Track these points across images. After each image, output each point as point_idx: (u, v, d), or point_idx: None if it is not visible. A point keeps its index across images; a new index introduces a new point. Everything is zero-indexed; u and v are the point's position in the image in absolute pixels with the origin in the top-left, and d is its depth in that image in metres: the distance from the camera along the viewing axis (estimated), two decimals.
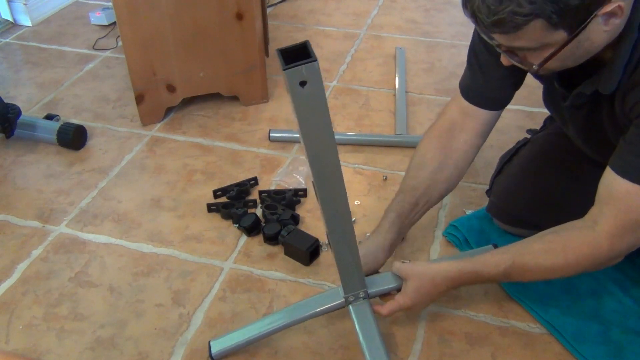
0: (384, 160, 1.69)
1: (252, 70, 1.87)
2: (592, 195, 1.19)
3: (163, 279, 1.34)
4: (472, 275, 1.09)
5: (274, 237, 1.40)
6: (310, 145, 0.87)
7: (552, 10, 0.82)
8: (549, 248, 1.02)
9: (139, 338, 1.21)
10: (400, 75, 2.06)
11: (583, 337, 1.17)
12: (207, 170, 1.67)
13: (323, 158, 0.89)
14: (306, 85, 0.80)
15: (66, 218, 1.51)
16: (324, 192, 0.94)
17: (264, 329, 1.14)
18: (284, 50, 0.80)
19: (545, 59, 0.91)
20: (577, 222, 1.01)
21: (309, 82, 0.80)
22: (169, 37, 1.73)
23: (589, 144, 1.17)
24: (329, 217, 0.98)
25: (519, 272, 1.05)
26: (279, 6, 2.63)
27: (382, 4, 2.65)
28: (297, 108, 0.83)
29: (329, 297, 1.15)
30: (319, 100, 0.82)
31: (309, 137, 0.87)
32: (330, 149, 0.88)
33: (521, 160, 1.36)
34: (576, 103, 1.05)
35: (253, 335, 1.14)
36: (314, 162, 0.90)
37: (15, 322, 1.25)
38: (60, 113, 1.89)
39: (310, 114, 0.84)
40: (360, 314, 1.12)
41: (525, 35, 0.87)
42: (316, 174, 0.91)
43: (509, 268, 1.05)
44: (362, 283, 1.11)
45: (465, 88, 1.21)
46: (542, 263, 1.03)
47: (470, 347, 1.18)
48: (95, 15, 2.48)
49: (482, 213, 1.43)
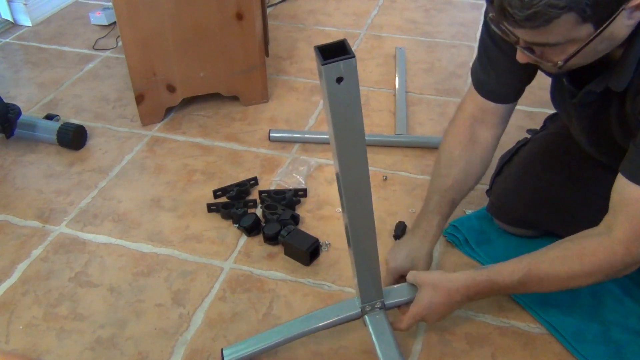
0: (384, 160, 1.69)
1: (252, 70, 1.88)
2: (592, 196, 1.19)
3: (163, 279, 1.34)
4: (487, 285, 1.06)
5: (274, 237, 1.40)
6: (341, 143, 0.86)
7: (586, 2, 0.80)
8: (565, 255, 1.01)
9: (139, 338, 1.21)
10: (400, 75, 2.06)
11: (583, 337, 1.17)
12: (207, 170, 1.67)
13: (353, 157, 0.88)
14: (343, 82, 0.79)
15: (66, 218, 1.51)
16: (349, 191, 0.92)
17: (279, 337, 1.12)
18: (322, 47, 0.79)
19: (571, 55, 0.89)
20: (592, 229, 1.01)
21: (345, 78, 0.78)
22: (169, 37, 1.73)
23: (593, 143, 1.17)
24: (353, 220, 0.96)
25: (535, 280, 1.03)
26: (279, 6, 2.63)
27: (382, 4, 2.65)
28: (331, 104, 0.81)
29: (345, 307, 1.13)
30: (354, 98, 0.81)
31: (340, 134, 0.85)
32: (360, 148, 0.87)
33: (521, 160, 1.36)
34: (585, 101, 1.04)
35: (267, 344, 1.12)
36: (342, 161, 0.88)
37: (15, 322, 1.25)
38: (60, 113, 1.89)
39: (345, 111, 0.82)
40: (377, 325, 1.10)
41: (554, 30, 0.84)
42: (344, 174, 0.90)
43: (525, 277, 1.03)
44: (380, 293, 1.10)
45: (477, 83, 1.21)
46: (559, 270, 1.01)
47: (470, 347, 1.18)
48: (95, 15, 2.48)
49: (482, 213, 1.43)
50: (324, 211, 1.52)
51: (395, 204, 1.53)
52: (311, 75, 2.11)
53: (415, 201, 1.54)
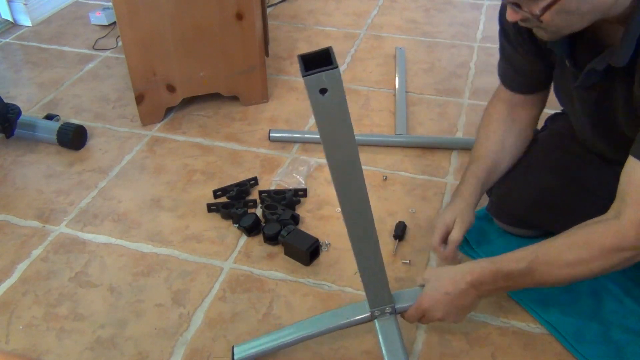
0: (384, 160, 1.69)
1: (252, 70, 1.88)
2: (593, 196, 1.19)
3: (163, 279, 1.34)
4: (491, 272, 1.03)
5: (274, 237, 1.40)
6: (331, 152, 0.85)
7: None
8: (573, 242, 0.99)
9: (139, 338, 1.21)
10: (400, 75, 2.06)
11: (583, 337, 1.17)
12: (207, 170, 1.67)
13: (344, 166, 0.87)
14: (327, 93, 0.78)
15: (66, 218, 1.51)
16: (346, 200, 0.92)
17: (289, 338, 1.12)
18: (306, 56, 0.77)
19: (548, 5, 0.89)
20: (600, 217, 0.98)
21: (329, 89, 0.77)
22: (169, 37, 1.73)
23: (597, 131, 1.15)
24: (352, 228, 0.96)
25: (543, 268, 1.00)
26: (279, 6, 2.63)
27: (382, 4, 2.65)
28: (317, 115, 0.81)
29: (355, 310, 1.12)
30: (339, 108, 0.80)
31: (329, 144, 0.84)
32: (351, 156, 0.86)
33: (523, 160, 1.36)
34: (587, 83, 1.04)
35: (277, 344, 1.12)
36: (335, 171, 0.88)
37: (15, 322, 1.25)
38: (60, 113, 1.89)
39: (331, 122, 0.82)
40: (386, 329, 1.09)
41: None
42: (337, 181, 0.89)
43: (532, 263, 1.00)
44: (389, 298, 1.09)
45: (503, 78, 1.29)
46: (567, 257, 0.98)
47: (470, 347, 1.18)
48: (95, 15, 2.48)
49: (482, 213, 1.43)
50: (324, 211, 1.52)
51: (395, 204, 1.53)
52: None
53: (416, 201, 1.54)
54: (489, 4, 2.64)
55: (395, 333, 1.09)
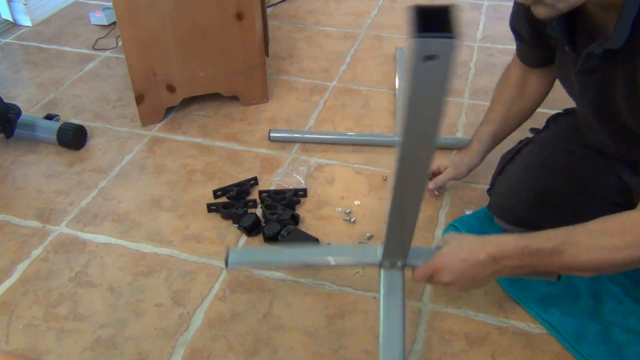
0: (384, 160, 1.69)
1: (252, 70, 1.88)
2: (594, 196, 1.19)
3: (163, 279, 1.34)
4: (518, 247, 0.98)
5: (274, 237, 1.40)
6: (411, 128, 0.76)
7: None
8: (607, 227, 0.96)
9: (139, 338, 1.21)
10: (400, 75, 2.06)
11: (583, 337, 1.17)
12: (207, 170, 1.67)
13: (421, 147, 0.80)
14: (433, 62, 0.67)
15: (66, 218, 1.51)
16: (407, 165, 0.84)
17: (286, 258, 1.05)
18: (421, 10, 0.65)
19: None
20: (629, 211, 0.97)
21: (439, 58, 0.67)
22: (168, 37, 1.73)
23: (600, 119, 1.15)
24: (405, 167, 0.86)
25: (573, 250, 0.95)
26: (279, 6, 2.63)
27: (382, 4, 2.65)
28: (412, 81, 0.70)
29: (365, 253, 1.06)
30: (442, 81, 0.70)
31: (413, 119, 0.75)
32: (431, 138, 0.78)
33: (523, 159, 1.36)
34: (587, 67, 1.05)
35: (273, 261, 1.05)
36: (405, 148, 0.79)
37: (15, 322, 1.25)
38: (60, 113, 1.89)
39: (427, 92, 0.71)
40: (390, 283, 1.02)
41: None
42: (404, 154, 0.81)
43: (563, 244, 0.95)
44: (404, 254, 1.01)
45: (518, 52, 1.38)
46: (600, 241, 0.94)
47: (470, 347, 1.18)
48: (95, 15, 2.48)
49: (482, 213, 1.43)
50: (324, 211, 1.52)
51: None
52: (311, 75, 2.11)
53: None
54: (488, 4, 2.64)
55: (398, 289, 1.03)
